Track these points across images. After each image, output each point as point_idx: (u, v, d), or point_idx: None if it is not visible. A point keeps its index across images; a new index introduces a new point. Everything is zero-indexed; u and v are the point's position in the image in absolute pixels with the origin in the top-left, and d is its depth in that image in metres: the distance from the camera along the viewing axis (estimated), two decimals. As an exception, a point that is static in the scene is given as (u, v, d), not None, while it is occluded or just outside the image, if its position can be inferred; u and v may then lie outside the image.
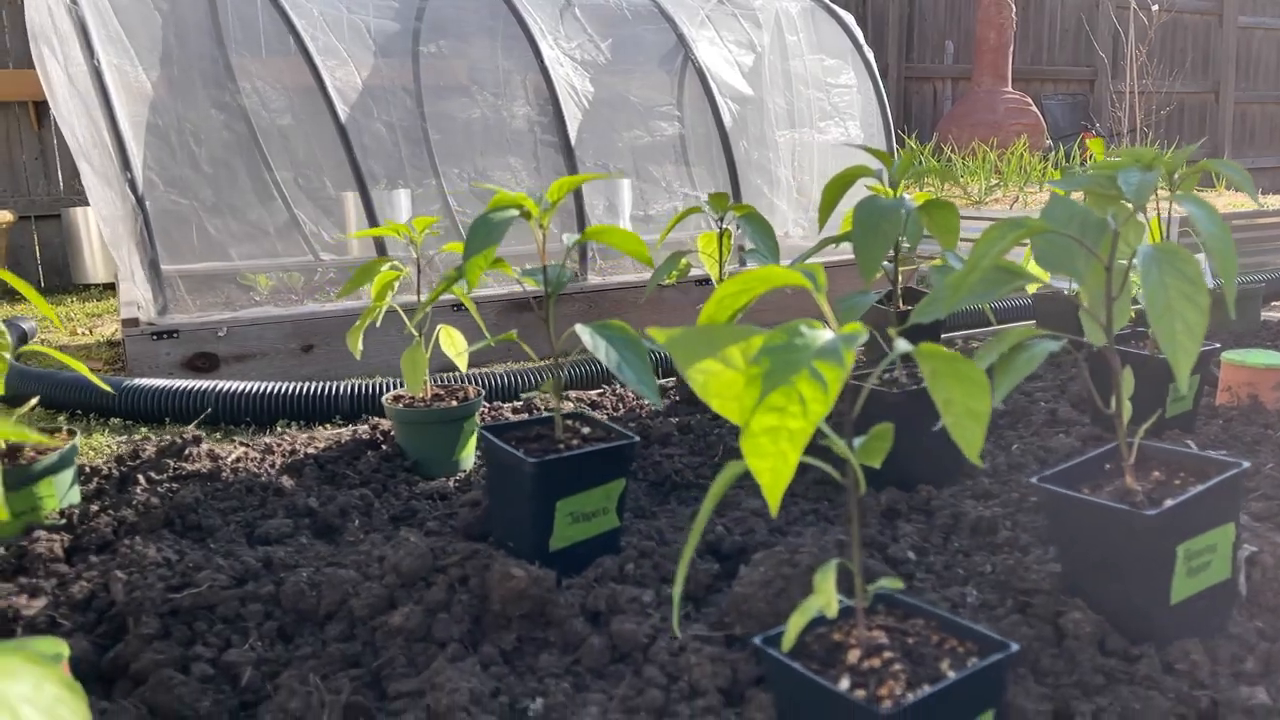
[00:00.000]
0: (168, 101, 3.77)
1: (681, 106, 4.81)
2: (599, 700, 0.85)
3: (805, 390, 0.62)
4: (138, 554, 1.08)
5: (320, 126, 4.14)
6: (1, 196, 6.63)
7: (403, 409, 1.43)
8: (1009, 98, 8.36)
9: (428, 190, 4.33)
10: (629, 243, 1.09)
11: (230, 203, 3.92)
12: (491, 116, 4.61)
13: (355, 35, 4.15)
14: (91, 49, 3.44)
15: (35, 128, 6.59)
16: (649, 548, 1.09)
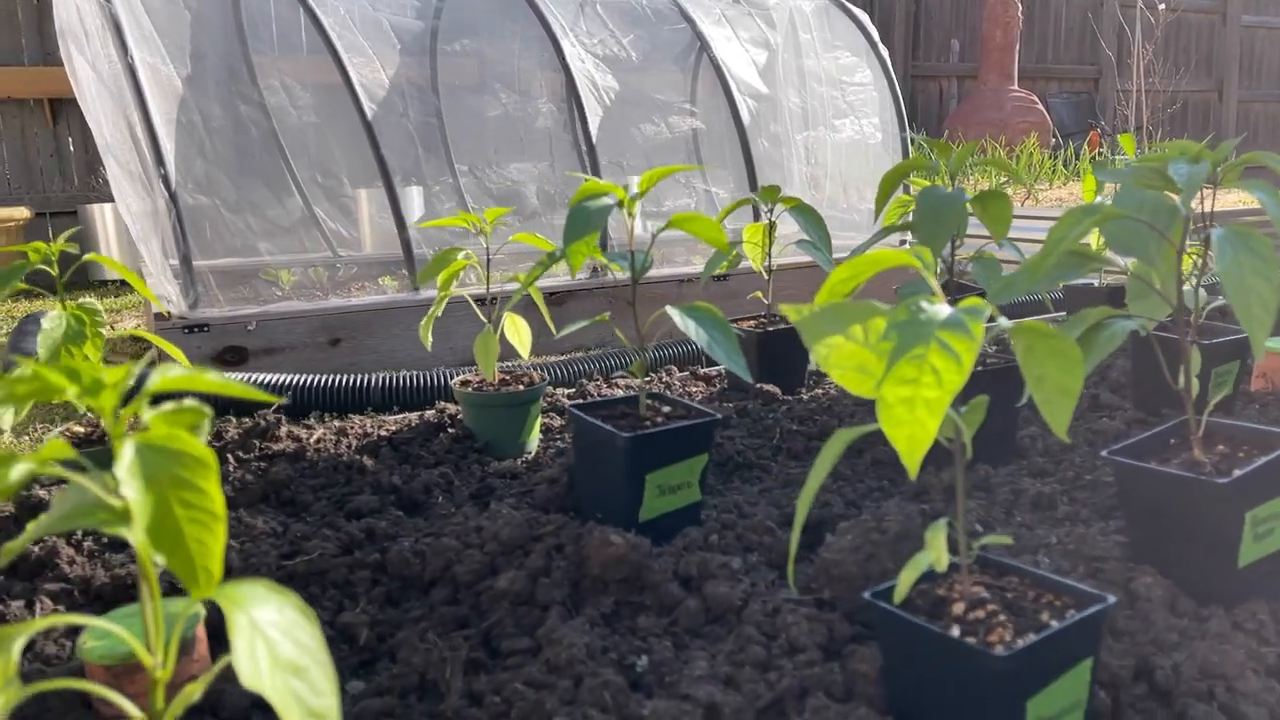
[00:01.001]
0: (195, 99, 3.81)
1: (698, 103, 4.85)
2: (703, 656, 0.91)
3: (937, 362, 0.67)
4: (246, 524, 1.13)
5: (340, 124, 4.19)
6: (17, 193, 6.66)
7: (472, 392, 1.49)
8: (1015, 96, 8.42)
9: (444, 187, 4.37)
10: (710, 230, 1.15)
11: (252, 199, 3.97)
12: (510, 113, 4.65)
13: (376, 32, 4.19)
14: (126, 47, 3.48)
15: (50, 125, 6.62)
16: (729, 520, 1.15)
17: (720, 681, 0.85)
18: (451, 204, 4.43)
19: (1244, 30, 9.79)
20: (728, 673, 0.87)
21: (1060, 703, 0.75)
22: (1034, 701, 0.73)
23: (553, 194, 4.64)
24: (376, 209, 4.43)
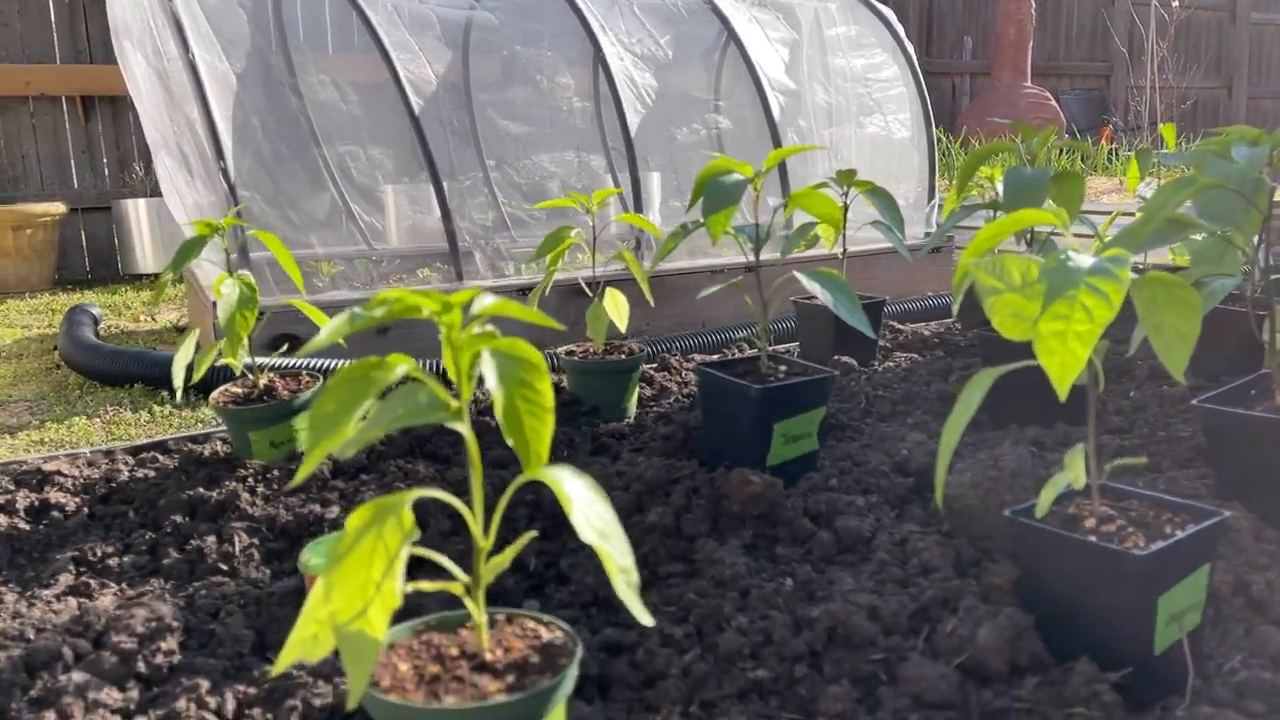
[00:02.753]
0: (247, 95, 3.93)
1: (727, 99, 4.96)
2: (847, 577, 1.03)
3: (1087, 301, 0.79)
4: (405, 471, 1.25)
5: (376, 120, 4.30)
6: (50, 189, 6.76)
7: (579, 360, 1.61)
8: (1028, 92, 8.54)
9: (474, 182, 4.48)
10: (826, 206, 1.27)
11: (292, 193, 4.07)
12: (540, 109, 4.75)
13: (414, 27, 4.30)
14: (187, 44, 3.60)
15: (83, 122, 6.72)
16: (845, 466, 1.28)
17: (869, 593, 0.97)
18: (481, 199, 4.54)
19: (1253, 28, 9.92)
20: (873, 587, 0.99)
21: (1184, 602, 0.87)
22: (1164, 599, 0.85)
23: (580, 189, 4.75)
24: (408, 202, 4.54)
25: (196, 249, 1.39)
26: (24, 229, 5.88)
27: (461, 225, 4.43)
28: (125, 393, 3.63)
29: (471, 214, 4.46)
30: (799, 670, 0.86)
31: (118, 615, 0.95)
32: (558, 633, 0.72)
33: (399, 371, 0.63)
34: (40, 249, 6.02)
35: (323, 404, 0.61)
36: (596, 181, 4.73)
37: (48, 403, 3.55)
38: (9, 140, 6.51)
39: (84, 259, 6.66)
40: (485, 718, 0.62)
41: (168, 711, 0.82)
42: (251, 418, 1.35)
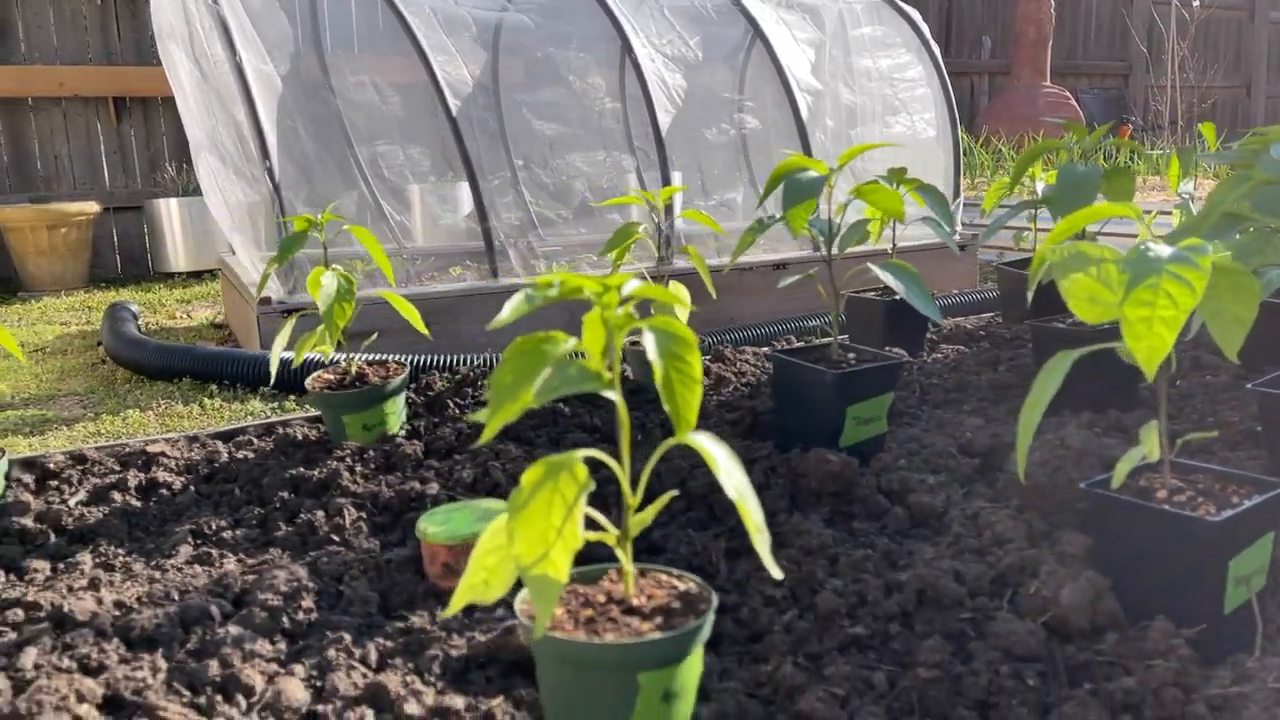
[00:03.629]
0: (290, 96, 4.02)
1: (755, 99, 5.02)
2: (925, 547, 1.10)
3: (1171, 288, 0.87)
4: (499, 452, 1.33)
5: (407, 120, 4.38)
6: (82, 189, 6.88)
7: (643, 350, 1.69)
8: (1048, 92, 8.58)
9: (503, 181, 4.55)
10: (890, 200, 1.34)
11: (327, 192, 4.16)
12: (568, 109, 4.82)
13: (449, 28, 4.37)
14: (234, 48, 3.68)
15: (114, 123, 6.83)
16: (912, 448, 1.35)
17: (950, 560, 1.05)
18: (509, 198, 4.62)
19: (1271, 27, 9.92)
20: (952, 556, 1.07)
21: (1251, 566, 0.94)
22: (1234, 562, 0.92)
23: (607, 189, 4.82)
24: (436, 201, 4.62)
25: (298, 243, 1.48)
26: (59, 228, 6.00)
27: (492, 224, 4.52)
28: (174, 387, 3.74)
29: (500, 213, 4.54)
30: (893, 628, 0.94)
31: (258, 577, 1.03)
32: (691, 584, 0.80)
33: (567, 346, 0.71)
34: (75, 247, 6.13)
35: (501, 375, 0.69)
36: (621, 181, 4.80)
37: (98, 396, 3.65)
38: (42, 140, 6.64)
39: (115, 257, 6.79)
40: (643, 652, 0.70)
41: (319, 660, 0.90)
42: (346, 402, 1.43)
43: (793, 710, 0.81)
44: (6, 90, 6.34)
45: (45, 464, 1.43)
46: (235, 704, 0.84)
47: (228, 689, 0.85)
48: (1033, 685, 0.86)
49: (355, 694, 0.84)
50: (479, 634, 0.94)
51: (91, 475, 1.41)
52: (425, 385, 1.67)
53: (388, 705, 0.82)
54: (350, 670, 0.88)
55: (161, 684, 0.84)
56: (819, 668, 0.88)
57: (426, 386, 1.67)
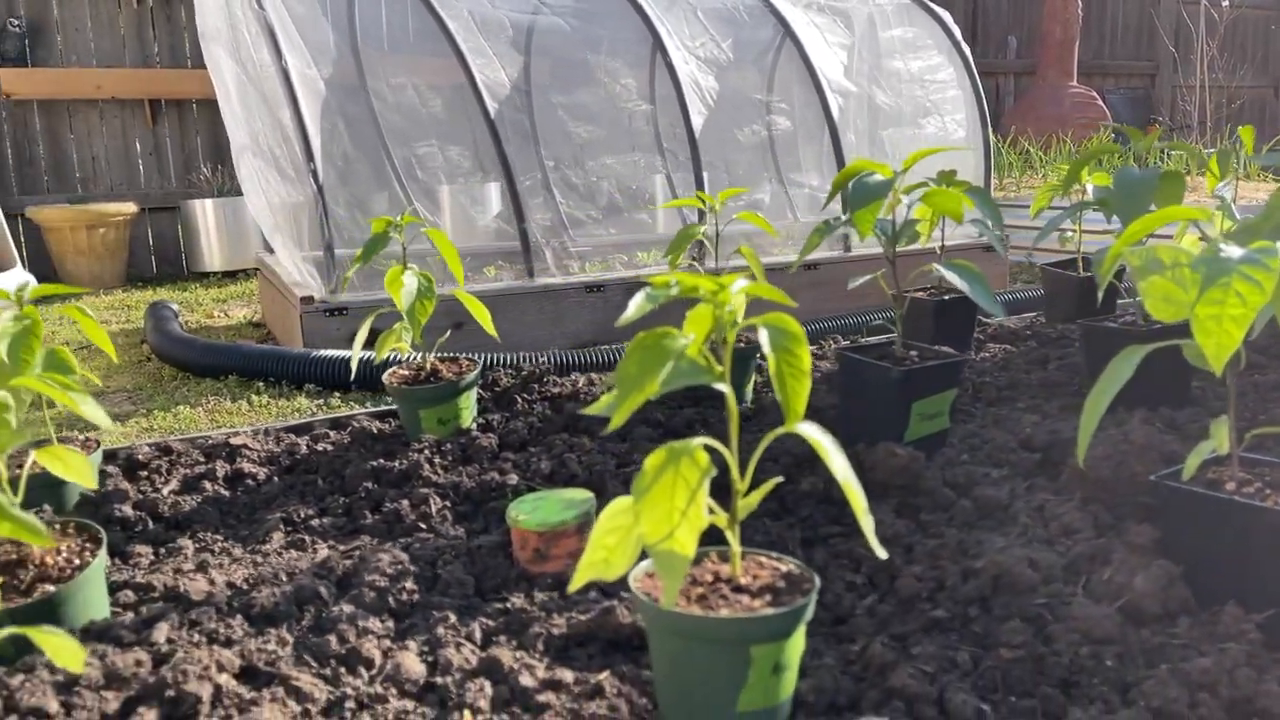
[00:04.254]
0: (333, 99, 4.09)
1: (787, 101, 5.05)
2: (995, 537, 1.15)
3: (1241, 288, 0.91)
4: (570, 444, 1.39)
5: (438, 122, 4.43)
6: (119, 189, 7.00)
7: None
8: (1074, 92, 8.56)
9: (534, 182, 4.60)
10: (952, 202, 1.39)
11: (360, 194, 4.22)
12: (599, 111, 4.86)
13: (483, 31, 4.42)
14: (280, 52, 3.76)
15: (150, 125, 6.94)
16: (973, 444, 1.40)
17: (1020, 549, 1.09)
18: (539, 199, 4.67)
19: (1302, 26, 9.84)
20: (1022, 545, 1.11)
21: None
22: None
23: (635, 190, 4.86)
24: (469, 202, 4.67)
25: (381, 244, 1.54)
26: (97, 228, 6.12)
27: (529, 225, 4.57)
28: (221, 384, 3.82)
29: (531, 214, 4.59)
30: (971, 611, 0.99)
31: (363, 560, 1.09)
32: (791, 565, 0.85)
33: (684, 342, 0.76)
34: (112, 247, 6.25)
35: (626, 367, 0.74)
36: (649, 181, 4.85)
37: (146, 393, 3.74)
38: (79, 142, 6.76)
39: (150, 257, 6.91)
40: (757, 626, 0.75)
41: (429, 637, 0.96)
42: (423, 396, 1.49)
43: (884, 686, 0.86)
44: (45, 93, 6.46)
45: (133, 455, 1.50)
46: (358, 675, 0.89)
47: (350, 661, 0.91)
48: (1111, 666, 0.90)
49: (470, 667, 0.90)
50: (577, 614, 0.99)
51: (179, 466, 1.48)
52: (491, 381, 1.73)
53: (502, 677, 0.88)
54: (459, 646, 0.93)
55: (290, 656, 0.90)
56: (905, 647, 0.93)
57: (493, 383, 1.73)
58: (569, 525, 1.11)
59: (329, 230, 3.80)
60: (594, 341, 3.42)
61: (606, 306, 3.81)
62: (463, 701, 0.84)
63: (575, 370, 2.08)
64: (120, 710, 0.82)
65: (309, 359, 2.85)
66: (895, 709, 0.84)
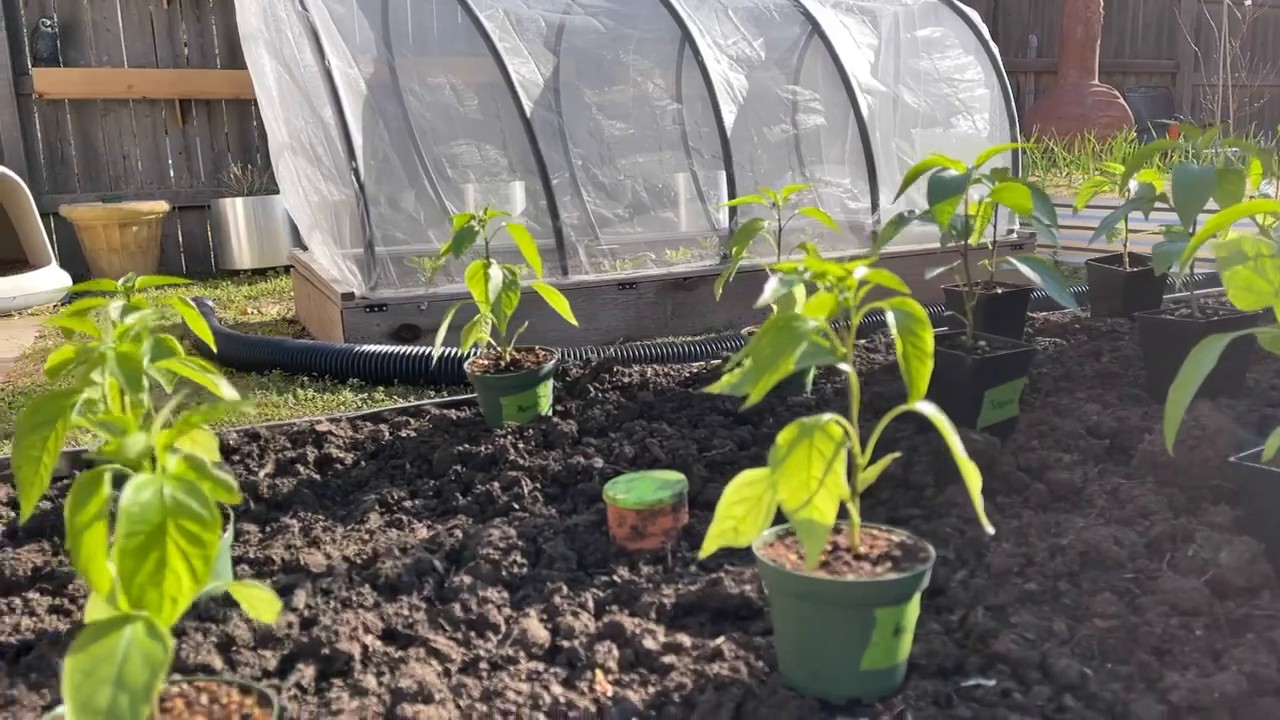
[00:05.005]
0: (373, 99, 4.15)
1: (816, 100, 5.08)
2: (1073, 519, 1.20)
3: None
4: (649, 430, 1.45)
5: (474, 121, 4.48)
6: (149, 188, 7.10)
7: None
8: (1096, 90, 8.57)
9: (562, 180, 4.65)
10: (1021, 196, 1.44)
11: (392, 192, 4.28)
12: (630, 111, 4.91)
13: (517, 30, 4.46)
14: (323, 53, 3.82)
15: (180, 124, 7.04)
16: (1041, 430, 1.45)
17: (1102, 528, 1.14)
18: (567, 197, 4.73)
19: (1325, 25, 9.83)
20: (1103, 525, 1.16)
21: None
22: None
23: (660, 189, 4.91)
24: (499, 201, 4.73)
25: (469, 239, 1.59)
26: (130, 226, 6.21)
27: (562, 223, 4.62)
28: (265, 378, 3.89)
29: (560, 212, 4.64)
30: (1061, 585, 1.04)
31: (471, 537, 1.15)
32: (903, 536, 0.90)
33: (813, 324, 0.81)
34: (144, 245, 6.34)
35: (760, 348, 0.79)
36: (674, 180, 4.90)
37: (193, 386, 3.80)
38: (110, 141, 6.86)
39: (180, 255, 7.00)
40: (882, 590, 0.80)
41: (546, 605, 1.01)
42: (506, 384, 1.55)
43: (988, 651, 0.91)
44: (78, 92, 6.56)
45: (225, 441, 1.56)
46: (487, 639, 0.95)
47: (478, 626, 0.96)
48: (1200, 635, 0.95)
49: (594, 631, 0.95)
50: (683, 586, 1.05)
51: (270, 451, 1.54)
52: (562, 372, 1.79)
53: (626, 641, 0.93)
54: (576, 614, 0.99)
55: (424, 620, 0.96)
56: (1005, 617, 0.98)
57: (564, 373, 1.78)
58: (665, 504, 1.17)
59: (370, 228, 3.86)
60: (626, 338, 3.47)
61: (639, 303, 3.86)
62: (592, 662, 0.90)
63: (636, 363, 2.13)
64: (279, 666, 0.87)
65: (362, 354, 2.90)
66: (1000, 672, 0.89)
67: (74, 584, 1.12)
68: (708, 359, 1.90)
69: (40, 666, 0.93)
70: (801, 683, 0.83)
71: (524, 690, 0.84)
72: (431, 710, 0.79)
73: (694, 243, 5.05)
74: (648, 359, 2.16)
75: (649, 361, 2.14)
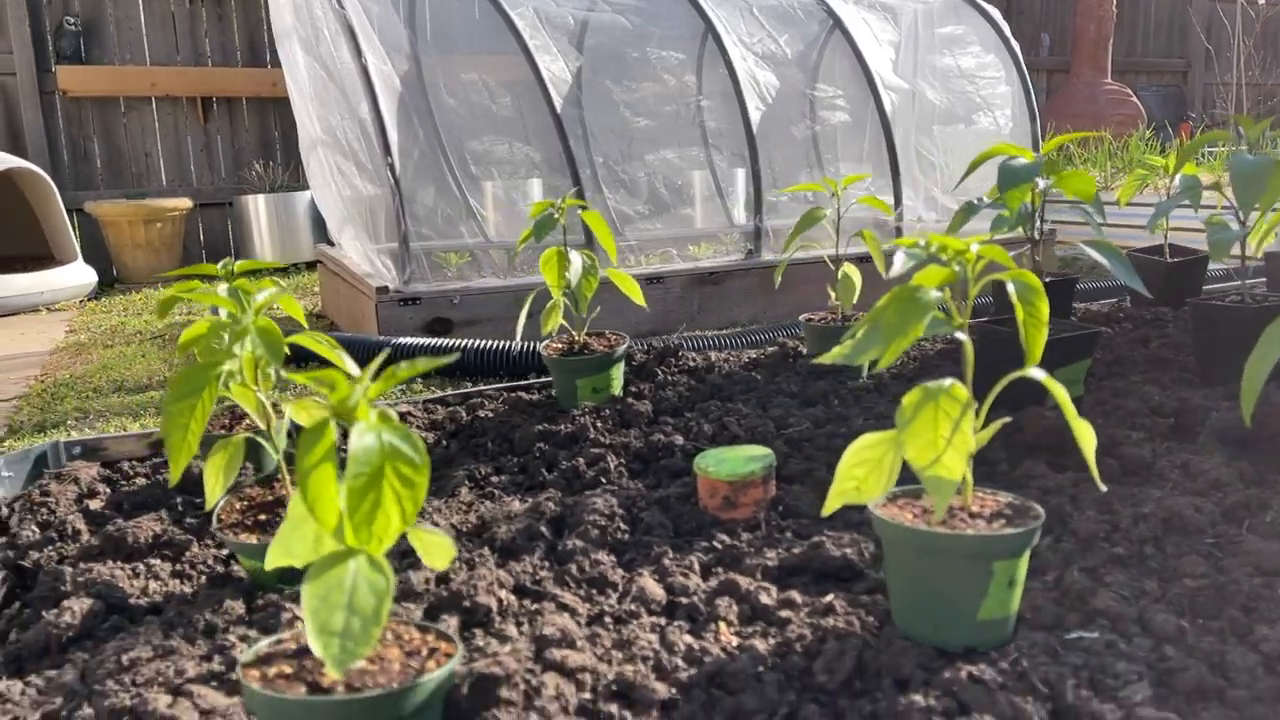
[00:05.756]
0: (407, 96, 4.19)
1: (839, 97, 5.13)
2: (1148, 490, 1.25)
3: None
4: (730, 410, 1.50)
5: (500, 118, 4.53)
6: (171, 185, 7.15)
7: (820, 325, 1.85)
8: (1109, 89, 8.62)
9: (584, 178, 4.70)
10: (1085, 184, 1.49)
11: (419, 188, 4.32)
12: (653, 108, 4.96)
13: (546, 27, 4.51)
14: (360, 51, 3.87)
15: (202, 122, 7.09)
16: (1106, 409, 1.50)
17: (1179, 498, 1.19)
18: (589, 194, 4.77)
19: (1335, 24, 9.89)
20: (1179, 495, 1.21)
21: None
22: None
23: (680, 185, 4.96)
24: (521, 198, 4.78)
25: (550, 226, 1.64)
26: (155, 222, 6.27)
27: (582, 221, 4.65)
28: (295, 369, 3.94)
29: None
30: (1147, 549, 1.09)
31: (572, 506, 1.20)
32: (1010, 498, 0.96)
33: (935, 295, 0.86)
34: (168, 241, 6.40)
35: (887, 317, 0.85)
36: (693, 177, 4.95)
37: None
38: (133, 138, 6.91)
39: (201, 252, 7.05)
40: (999, 543, 0.86)
41: (656, 567, 1.06)
42: (581, 367, 1.60)
43: (1087, 608, 0.97)
44: (102, 90, 6.62)
45: (306, 420, 1.61)
46: (607, 595, 1.00)
47: (597, 584, 1.02)
48: (1284, 594, 1.00)
49: (709, 589, 1.01)
50: (782, 550, 1.10)
51: None
52: (632, 354, 1.84)
53: (742, 597, 0.98)
54: (686, 574, 1.04)
55: (549, 578, 1.02)
56: (1098, 577, 1.03)
57: (630, 356, 1.84)
58: (756, 476, 1.22)
59: (405, 222, 3.92)
60: (652, 332, 3.53)
61: (666, 298, 3.92)
62: (714, 615, 0.95)
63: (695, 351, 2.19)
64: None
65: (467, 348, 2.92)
66: (1101, 625, 0.94)
67: (189, 551, 1.17)
68: (763, 346, 1.95)
69: (180, 622, 0.98)
70: (920, 633, 0.89)
71: (653, 639, 0.90)
72: (575, 654, 0.84)
73: (714, 239, 5.10)
74: (706, 347, 2.22)
75: (706, 350, 2.20)
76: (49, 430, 3.14)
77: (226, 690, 0.81)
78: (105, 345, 4.40)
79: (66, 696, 0.84)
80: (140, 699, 0.80)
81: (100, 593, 1.03)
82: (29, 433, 3.13)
